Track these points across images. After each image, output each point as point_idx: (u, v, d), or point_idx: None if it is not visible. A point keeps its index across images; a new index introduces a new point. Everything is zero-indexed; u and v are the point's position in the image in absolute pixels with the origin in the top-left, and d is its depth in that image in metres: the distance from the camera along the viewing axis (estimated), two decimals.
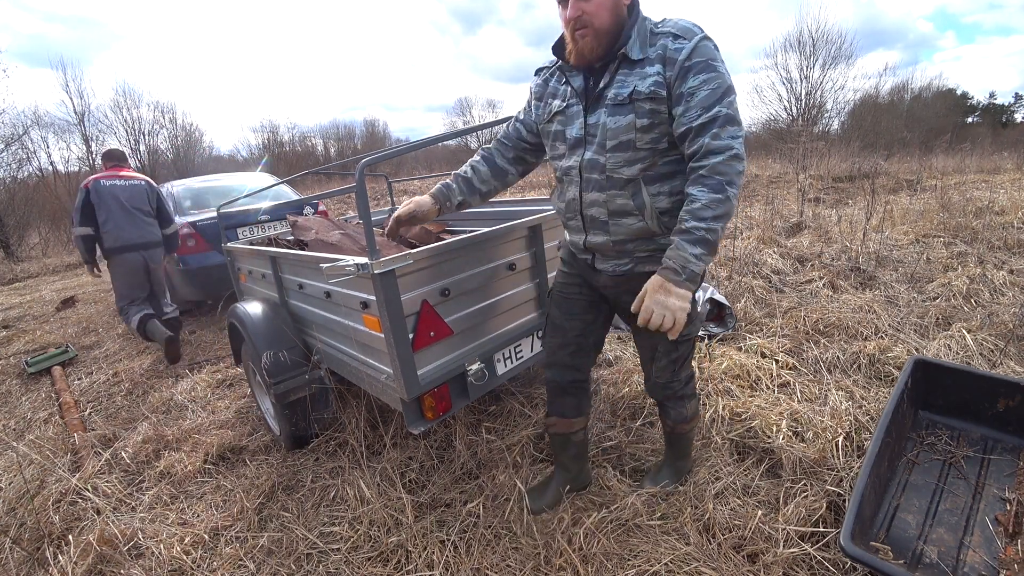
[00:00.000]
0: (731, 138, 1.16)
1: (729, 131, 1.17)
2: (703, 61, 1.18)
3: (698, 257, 1.18)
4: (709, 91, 1.17)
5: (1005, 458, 1.67)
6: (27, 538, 1.87)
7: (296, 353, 2.09)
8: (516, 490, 1.76)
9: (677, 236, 1.20)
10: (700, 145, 1.18)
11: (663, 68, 1.21)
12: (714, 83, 1.17)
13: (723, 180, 1.16)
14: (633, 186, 1.30)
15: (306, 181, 15.49)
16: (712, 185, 1.16)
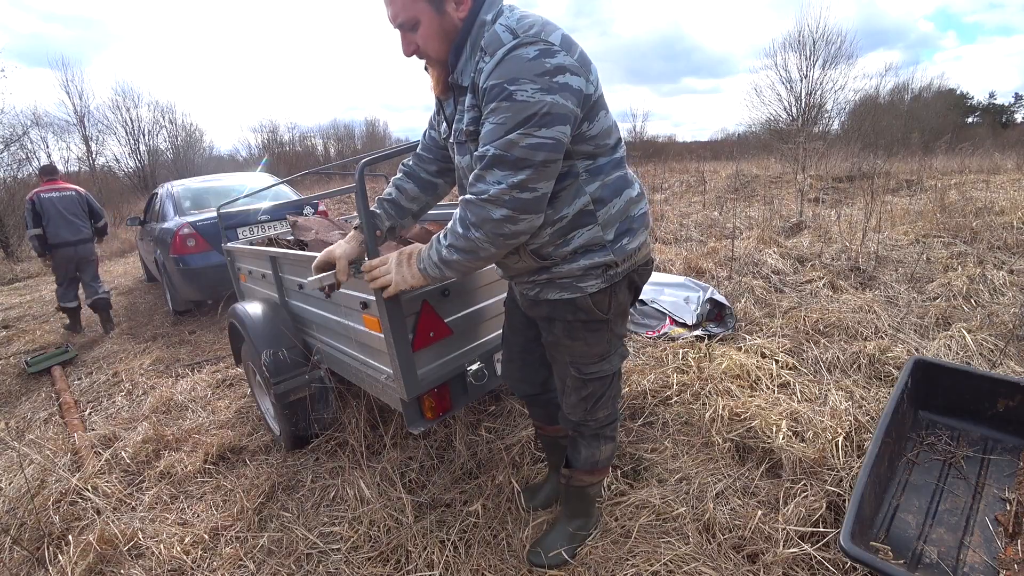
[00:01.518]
0: (495, 182, 1.01)
1: (496, 174, 1.01)
2: (499, 85, 0.98)
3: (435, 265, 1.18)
4: (493, 125, 1.00)
5: (1005, 458, 1.67)
6: (27, 538, 1.87)
7: (296, 353, 2.09)
8: (515, 490, 1.76)
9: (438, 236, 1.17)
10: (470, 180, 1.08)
11: (474, 96, 1.07)
12: (501, 115, 0.98)
13: (468, 219, 1.07)
14: None
15: (306, 181, 15.48)
16: (459, 219, 1.10)
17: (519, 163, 1.00)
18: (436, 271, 1.19)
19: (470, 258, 1.12)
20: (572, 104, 1.00)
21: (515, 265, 1.24)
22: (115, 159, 21.84)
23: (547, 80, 0.97)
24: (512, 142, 0.99)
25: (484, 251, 1.10)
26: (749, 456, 1.89)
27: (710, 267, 4.17)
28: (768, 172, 10.60)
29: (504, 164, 1.00)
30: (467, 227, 1.08)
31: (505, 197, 1.02)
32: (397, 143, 29.05)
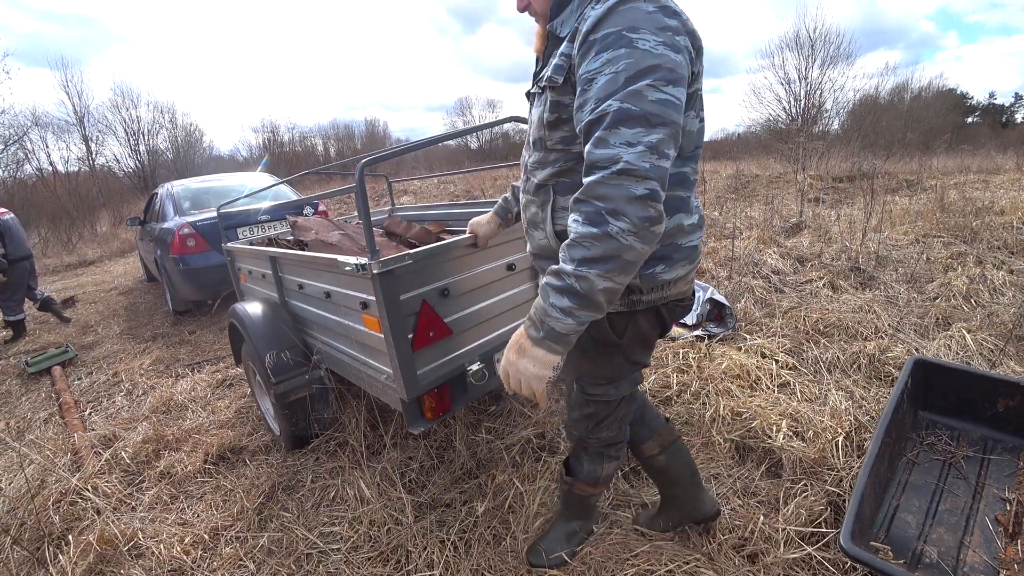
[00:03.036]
0: (624, 145, 0.79)
1: (623, 134, 0.79)
2: (614, 32, 0.82)
3: (564, 311, 0.85)
4: (610, 76, 0.82)
5: (1005, 458, 1.67)
6: (27, 538, 1.87)
7: (296, 353, 2.09)
8: (515, 490, 1.76)
9: (546, 277, 0.89)
10: (586, 154, 0.85)
11: (570, 45, 0.92)
12: (621, 63, 0.81)
13: (602, 208, 0.80)
14: (544, 194, 1.09)
15: (306, 181, 15.49)
16: (587, 214, 0.82)
17: (652, 119, 0.79)
18: (575, 317, 0.86)
19: (613, 268, 0.82)
20: (683, 58, 0.84)
21: (540, 242, 1.13)
22: (115, 159, 21.87)
23: (670, 36, 0.82)
24: (639, 93, 0.79)
25: (631, 252, 0.81)
26: (749, 456, 1.89)
27: (710, 267, 4.17)
28: (768, 172, 10.59)
29: (633, 120, 0.79)
30: (602, 219, 0.80)
31: (645, 164, 0.79)
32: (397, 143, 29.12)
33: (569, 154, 1.01)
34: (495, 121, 1.90)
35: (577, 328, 0.88)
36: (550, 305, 0.87)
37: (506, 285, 1.83)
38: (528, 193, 1.14)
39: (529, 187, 1.14)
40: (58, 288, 7.16)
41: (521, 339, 0.94)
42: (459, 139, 25.85)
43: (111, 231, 12.69)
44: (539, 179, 1.09)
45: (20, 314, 4.74)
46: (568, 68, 0.93)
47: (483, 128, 2.24)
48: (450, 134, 1.94)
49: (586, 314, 0.86)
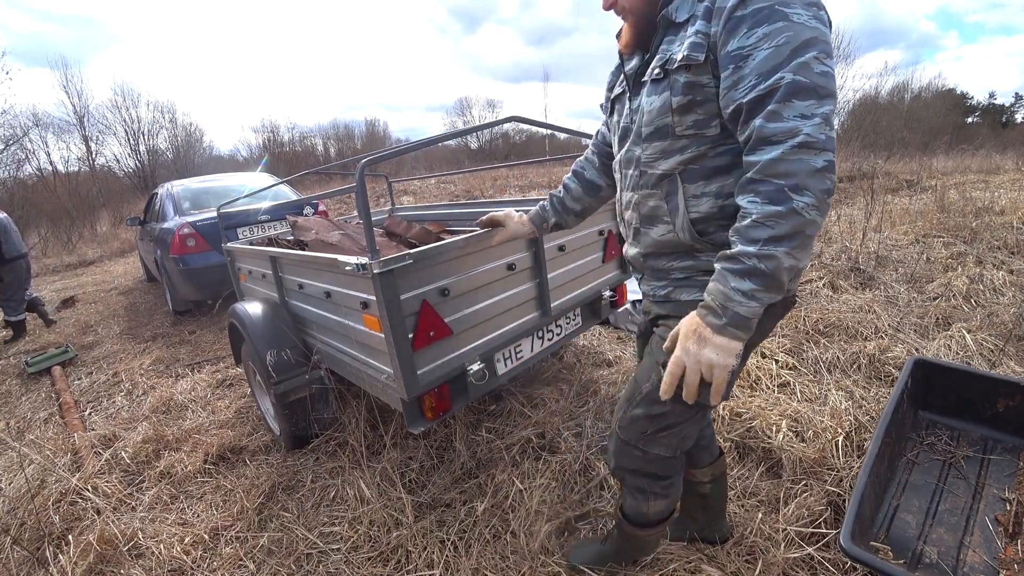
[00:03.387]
0: (800, 117, 0.79)
1: (797, 106, 0.79)
2: (767, 7, 0.81)
3: (747, 295, 0.84)
4: (771, 49, 0.80)
5: (1005, 458, 1.67)
6: (27, 538, 1.87)
7: (296, 353, 2.09)
8: (515, 488, 1.76)
9: (720, 263, 0.88)
10: (751, 131, 0.83)
11: (707, 24, 0.88)
12: (780, 36, 0.80)
13: (784, 184, 0.80)
14: (668, 184, 1.02)
15: (306, 181, 15.49)
16: (766, 193, 0.81)
17: (820, 91, 0.79)
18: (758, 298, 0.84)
19: (798, 245, 0.81)
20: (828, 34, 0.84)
21: (663, 237, 1.05)
22: (115, 159, 21.89)
23: (815, 11, 0.82)
24: (807, 66, 0.79)
25: (813, 226, 0.81)
26: (749, 456, 1.89)
27: None
28: None
29: (806, 92, 0.79)
30: (786, 196, 0.79)
31: (821, 136, 0.78)
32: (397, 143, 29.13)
33: (702, 139, 0.96)
34: (495, 121, 1.90)
35: (759, 311, 0.86)
36: (732, 289, 0.85)
37: (506, 285, 1.83)
38: (642, 188, 1.07)
39: (645, 181, 1.06)
40: (58, 288, 7.17)
41: (699, 327, 0.89)
42: (459, 139, 25.86)
43: (111, 231, 12.70)
44: (662, 169, 1.02)
45: (21, 314, 4.77)
46: (707, 46, 0.89)
47: (483, 128, 2.23)
48: (450, 134, 1.94)
49: (769, 296, 0.85)
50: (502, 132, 31.13)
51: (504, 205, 2.94)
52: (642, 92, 1.04)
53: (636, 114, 1.06)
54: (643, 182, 1.07)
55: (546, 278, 1.95)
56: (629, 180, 1.11)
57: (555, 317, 2.04)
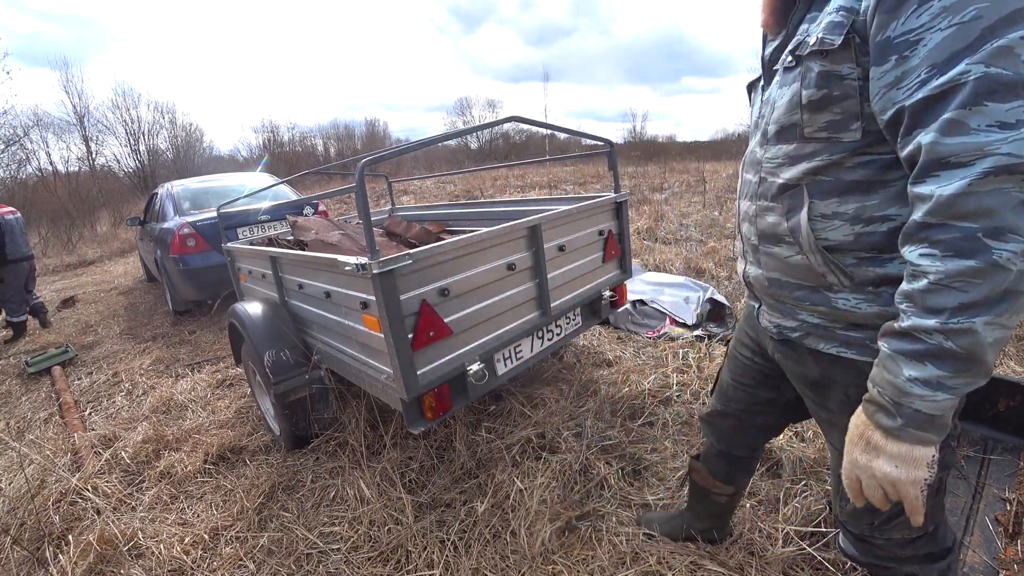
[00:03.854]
0: (996, 127, 0.55)
1: (992, 111, 0.55)
2: None
3: (932, 384, 0.61)
4: (951, 31, 0.57)
5: (1005, 458, 1.67)
6: (27, 538, 1.87)
7: (296, 353, 2.09)
8: (515, 488, 1.76)
9: (886, 340, 0.66)
10: (918, 148, 0.61)
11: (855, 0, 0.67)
12: (967, 11, 0.56)
13: (976, 229, 0.56)
14: (792, 198, 0.81)
15: (306, 181, 15.49)
16: (950, 243, 0.58)
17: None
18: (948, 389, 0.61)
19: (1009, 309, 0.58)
20: None
21: (790, 259, 0.83)
22: (115, 159, 21.91)
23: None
24: (1010, 51, 0.54)
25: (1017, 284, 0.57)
26: None
27: (710, 267, 4.17)
28: None
29: (1007, 90, 0.54)
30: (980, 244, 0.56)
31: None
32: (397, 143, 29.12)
33: (836, 144, 0.74)
34: (495, 121, 1.90)
35: (952, 405, 0.63)
36: (907, 381, 0.63)
37: (506, 285, 1.83)
38: (761, 199, 0.87)
39: (764, 190, 0.86)
40: (58, 288, 7.17)
41: (867, 431, 0.68)
42: (459, 139, 25.86)
43: (111, 231, 12.70)
44: (785, 178, 0.81)
45: (22, 315, 4.78)
46: (850, 26, 0.68)
47: (483, 128, 2.23)
48: (450, 134, 1.94)
49: (966, 381, 0.61)
50: (502, 132, 31.14)
51: (504, 205, 2.94)
52: (773, 82, 0.86)
53: (766, 107, 0.87)
54: (762, 191, 0.87)
55: (546, 278, 1.96)
56: (748, 187, 0.92)
57: (555, 317, 2.04)
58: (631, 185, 10.02)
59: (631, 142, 27.74)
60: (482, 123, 4.20)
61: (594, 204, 2.19)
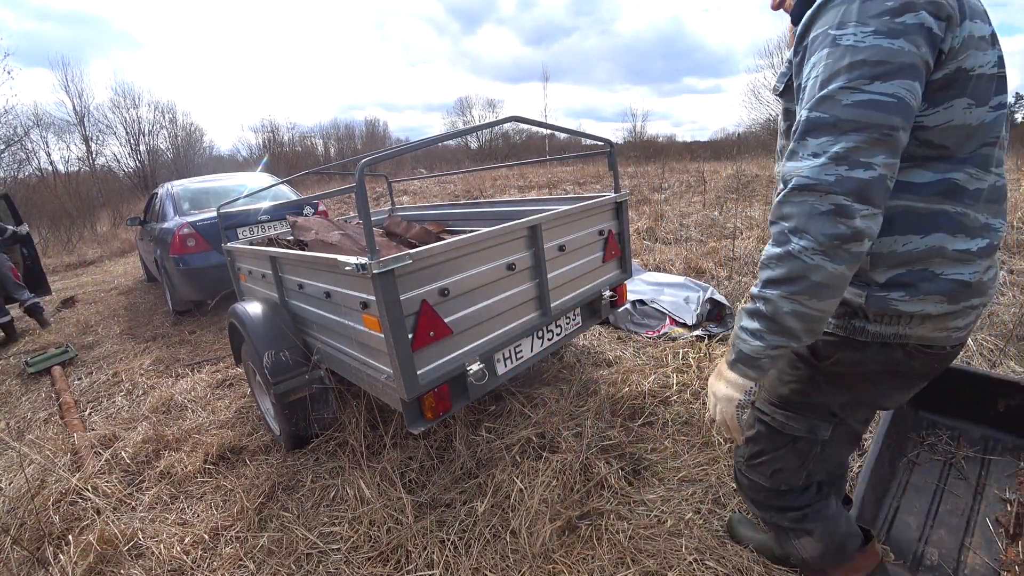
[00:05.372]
0: (809, 156, 0.75)
1: (810, 144, 0.75)
2: (821, 33, 0.77)
3: (752, 334, 0.83)
4: (811, 83, 0.77)
5: (1005, 458, 1.67)
6: (27, 538, 1.87)
7: (296, 353, 2.09)
8: (515, 487, 1.75)
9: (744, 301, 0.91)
10: None
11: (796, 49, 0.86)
12: (820, 67, 0.75)
13: (786, 227, 0.77)
14: None
15: (306, 181, 15.49)
16: (774, 235, 0.79)
17: (842, 125, 0.72)
18: (756, 344, 0.83)
19: (799, 290, 0.77)
20: (924, 52, 0.72)
21: None
22: (115, 159, 21.90)
23: (887, 21, 0.71)
24: (830, 98, 0.73)
25: (819, 272, 0.75)
26: None
27: (710, 267, 4.17)
28: (768, 172, 10.58)
29: (820, 129, 0.74)
30: (785, 238, 0.77)
31: (828, 177, 0.72)
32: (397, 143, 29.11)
33: None
34: (495, 121, 1.89)
35: (766, 352, 0.83)
36: (740, 327, 0.86)
37: (506, 285, 1.83)
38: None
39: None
40: (58, 288, 7.16)
41: (720, 362, 0.93)
42: (459, 139, 25.85)
43: (111, 231, 12.70)
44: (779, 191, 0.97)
45: (5, 316, 4.69)
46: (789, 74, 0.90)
47: (483, 128, 2.23)
48: (450, 134, 1.94)
49: (775, 338, 0.82)
50: (502, 132, 31.13)
51: (504, 205, 2.94)
52: None
53: None
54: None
55: (546, 278, 1.95)
56: None
57: (555, 317, 2.04)
58: (631, 185, 10.02)
59: (631, 142, 27.76)
60: (482, 123, 4.20)
61: (594, 204, 2.19)
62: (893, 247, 0.84)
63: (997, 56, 0.78)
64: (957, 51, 0.74)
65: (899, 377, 0.94)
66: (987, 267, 0.85)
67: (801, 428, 1.03)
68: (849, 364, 0.94)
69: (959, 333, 0.88)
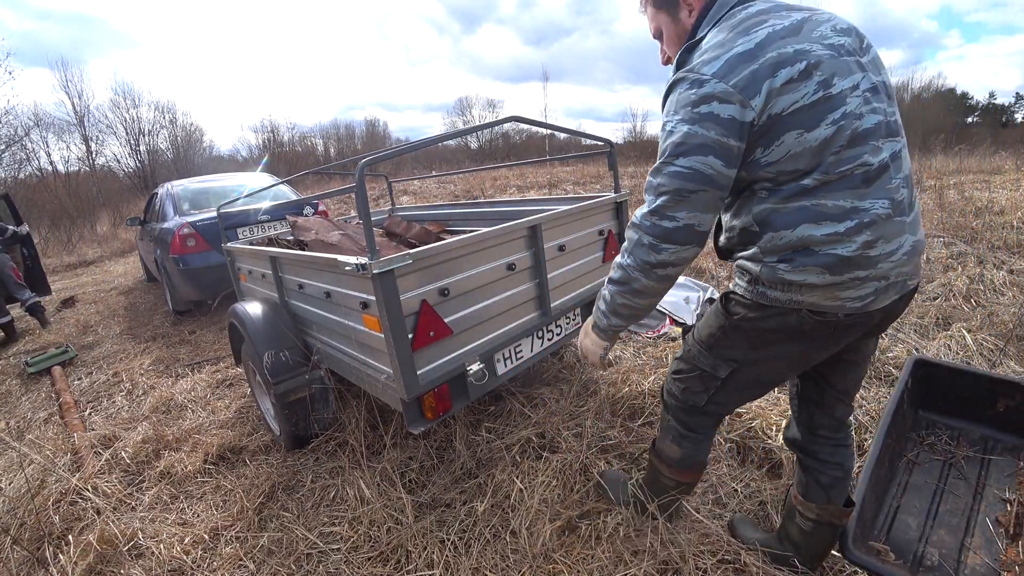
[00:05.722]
0: (645, 205, 1.05)
1: (646, 197, 1.05)
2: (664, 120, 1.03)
3: (600, 312, 1.22)
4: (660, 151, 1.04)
5: (1005, 458, 1.67)
6: (27, 538, 1.87)
7: (296, 353, 2.09)
8: (515, 487, 1.75)
9: None
10: None
11: None
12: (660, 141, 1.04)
13: (625, 246, 1.10)
14: None
15: (306, 181, 15.49)
16: (621, 247, 1.13)
17: (658, 189, 1.01)
18: (603, 320, 1.22)
19: (625, 291, 1.12)
20: (716, 134, 0.94)
21: None
22: (115, 159, 21.88)
23: (690, 111, 0.96)
24: (656, 169, 1.02)
25: (637, 282, 1.09)
26: (749, 456, 1.89)
27: (710, 267, 4.17)
28: None
29: (650, 190, 1.04)
30: (624, 253, 1.11)
31: (647, 223, 1.03)
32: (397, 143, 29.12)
33: None
34: (495, 121, 1.90)
35: (608, 326, 1.22)
36: (596, 306, 1.24)
37: (506, 285, 1.83)
38: None
39: None
40: (58, 288, 7.16)
41: (587, 323, 1.31)
42: (459, 139, 25.85)
43: (111, 231, 12.70)
44: None
45: (5, 316, 4.71)
46: None
47: (483, 128, 2.23)
48: (450, 134, 1.94)
49: (614, 320, 1.20)
50: (502, 132, 31.13)
51: (504, 205, 2.94)
52: None
53: None
54: None
55: (546, 278, 1.95)
56: None
57: (555, 317, 2.04)
58: (631, 185, 10.01)
59: (631, 142, 27.74)
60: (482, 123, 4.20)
61: (594, 204, 2.19)
62: (774, 241, 1.01)
63: (816, 84, 0.93)
64: (762, 108, 0.93)
65: (793, 340, 1.09)
66: (865, 243, 0.95)
67: (707, 364, 1.24)
68: (751, 320, 1.11)
69: (853, 304, 1.00)
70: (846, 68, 0.95)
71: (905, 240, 0.99)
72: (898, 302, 1.05)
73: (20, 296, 4.89)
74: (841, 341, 1.09)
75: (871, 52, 1.03)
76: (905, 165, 1.02)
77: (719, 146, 0.95)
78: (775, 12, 0.99)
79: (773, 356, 1.14)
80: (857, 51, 0.99)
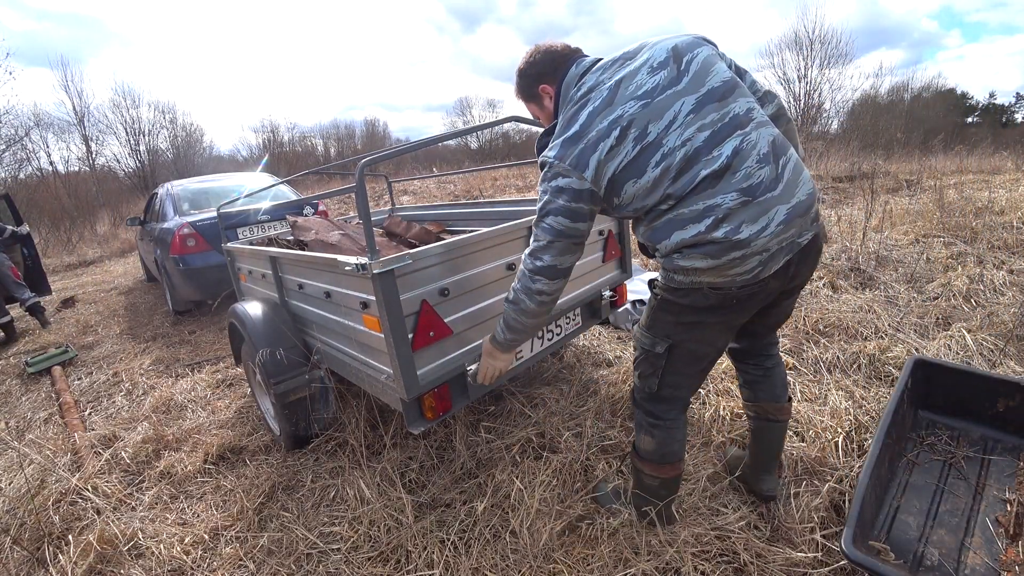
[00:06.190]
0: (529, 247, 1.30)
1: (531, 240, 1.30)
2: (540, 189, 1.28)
3: (500, 327, 1.43)
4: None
5: (1005, 458, 1.67)
6: (27, 538, 1.87)
7: (296, 353, 2.09)
8: (515, 487, 1.75)
9: None
10: None
11: None
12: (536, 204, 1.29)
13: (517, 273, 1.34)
14: None
15: (306, 181, 15.48)
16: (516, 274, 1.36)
17: (534, 236, 1.29)
18: (501, 334, 1.42)
19: (515, 310, 1.35)
20: (564, 200, 1.21)
21: None
22: (115, 159, 21.86)
23: (547, 184, 1.24)
24: (535, 222, 1.29)
25: (523, 303, 1.32)
26: None
27: None
28: None
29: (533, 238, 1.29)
30: (516, 279, 1.34)
31: (527, 259, 1.30)
32: (397, 143, 29.11)
33: None
34: (495, 121, 1.90)
35: (505, 339, 1.43)
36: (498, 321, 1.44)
37: (506, 285, 1.83)
38: None
39: None
40: (58, 288, 7.16)
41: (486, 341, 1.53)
42: (459, 139, 25.85)
43: (111, 231, 12.70)
44: None
45: (5, 316, 4.72)
46: None
47: (483, 128, 2.23)
48: (450, 134, 1.94)
49: (509, 333, 1.41)
50: (502, 132, 31.11)
51: (504, 205, 2.94)
52: None
53: None
54: None
55: None
56: None
57: (555, 317, 2.04)
58: None
59: None
60: (482, 123, 4.20)
61: None
62: (662, 250, 1.21)
63: (631, 141, 1.14)
64: (595, 175, 1.17)
65: (707, 311, 1.26)
66: (729, 231, 1.11)
67: (648, 343, 1.39)
68: (671, 298, 1.30)
69: (743, 277, 1.17)
70: (660, 110, 1.13)
71: (775, 212, 1.12)
72: (799, 259, 1.21)
73: (20, 296, 4.88)
74: (752, 305, 1.27)
75: (693, 65, 1.16)
76: (759, 147, 1.13)
77: (568, 210, 1.21)
78: (597, 88, 1.20)
79: (697, 327, 1.31)
80: (674, 80, 1.15)
